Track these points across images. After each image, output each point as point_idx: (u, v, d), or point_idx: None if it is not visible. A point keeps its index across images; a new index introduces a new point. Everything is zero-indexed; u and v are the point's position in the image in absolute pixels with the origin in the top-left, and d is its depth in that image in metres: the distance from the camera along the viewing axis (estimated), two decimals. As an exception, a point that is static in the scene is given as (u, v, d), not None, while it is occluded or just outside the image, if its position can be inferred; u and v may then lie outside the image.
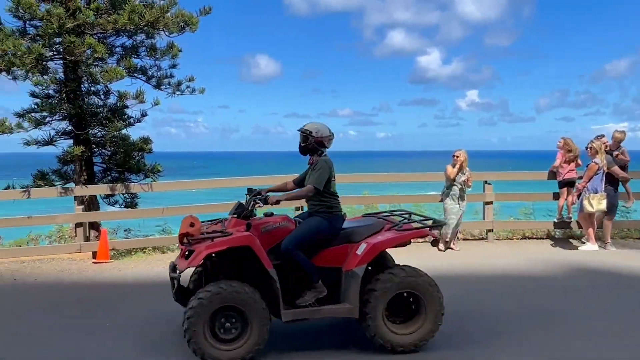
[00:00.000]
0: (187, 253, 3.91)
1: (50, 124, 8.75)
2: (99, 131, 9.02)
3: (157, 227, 9.59)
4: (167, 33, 8.74)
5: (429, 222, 4.45)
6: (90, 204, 8.81)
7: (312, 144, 4.25)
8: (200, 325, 3.74)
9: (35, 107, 8.80)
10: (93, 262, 7.84)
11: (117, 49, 9.08)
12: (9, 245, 10.01)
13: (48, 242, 10.33)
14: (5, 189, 8.92)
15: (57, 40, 8.29)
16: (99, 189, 8.80)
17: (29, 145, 8.59)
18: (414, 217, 4.55)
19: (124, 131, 9.00)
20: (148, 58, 9.09)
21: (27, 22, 8.42)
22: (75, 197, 8.27)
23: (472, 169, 8.12)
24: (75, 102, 8.57)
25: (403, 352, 4.00)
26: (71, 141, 8.96)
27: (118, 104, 8.98)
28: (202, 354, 3.77)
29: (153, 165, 9.22)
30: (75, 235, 8.39)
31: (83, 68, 8.53)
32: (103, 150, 9.22)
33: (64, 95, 8.74)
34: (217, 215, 5.18)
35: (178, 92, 9.30)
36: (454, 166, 7.80)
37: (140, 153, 9.11)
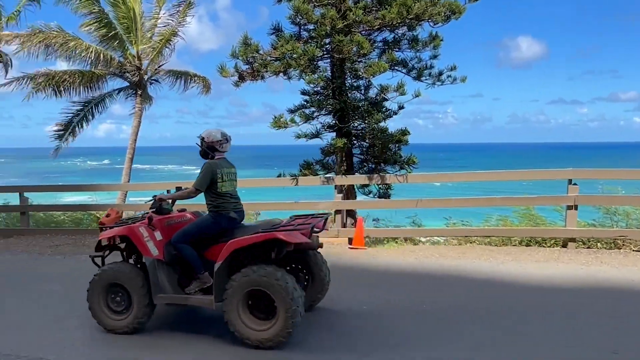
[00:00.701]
0: None
1: (318, 118, 9.72)
2: (359, 124, 9.67)
3: (407, 219, 9.79)
4: (431, 24, 8.84)
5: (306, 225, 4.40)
6: (349, 192, 9.50)
7: (204, 149, 4.68)
8: (96, 297, 4.69)
9: (305, 103, 9.89)
10: (349, 248, 8.40)
11: (378, 44, 9.57)
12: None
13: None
14: (277, 177, 10.26)
15: (327, 40, 9.14)
16: (357, 179, 9.43)
17: (299, 138, 9.62)
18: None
19: (382, 124, 9.43)
20: (409, 50, 9.35)
21: (302, 26, 9.49)
22: (335, 185, 9.00)
23: None
24: (340, 98, 9.35)
25: (260, 347, 4.13)
26: (334, 134, 9.81)
27: (377, 97, 9.47)
28: (98, 320, 4.74)
29: (408, 156, 9.43)
30: (334, 222, 9.13)
31: (348, 65, 9.25)
32: (362, 142, 9.85)
33: (330, 91, 9.61)
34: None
35: (438, 83, 9.31)
36: None
37: (397, 145, 9.42)
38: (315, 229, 4.51)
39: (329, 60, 9.55)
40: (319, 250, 4.96)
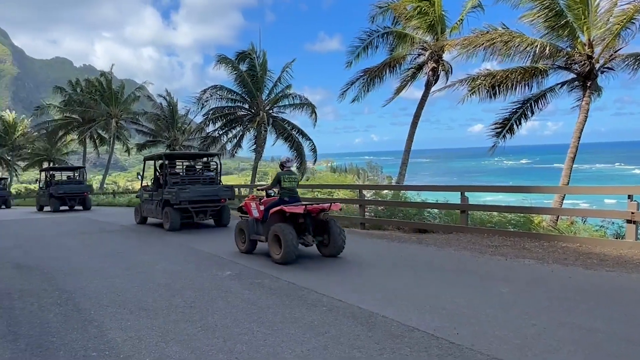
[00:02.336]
0: None
1: None
2: None
3: None
4: None
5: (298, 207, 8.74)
6: None
7: (279, 165, 9.51)
8: (236, 235, 9.87)
9: None
10: None
11: None
12: None
13: None
14: None
15: None
16: None
17: None
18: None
19: None
20: None
21: None
22: None
23: None
24: None
25: (276, 262, 8.46)
26: None
27: None
28: (237, 246, 9.85)
29: None
30: None
31: None
32: None
33: None
34: None
35: None
36: None
37: None
38: (324, 209, 8.73)
39: None
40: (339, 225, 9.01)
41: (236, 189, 20.60)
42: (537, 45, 13.34)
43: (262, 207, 9.28)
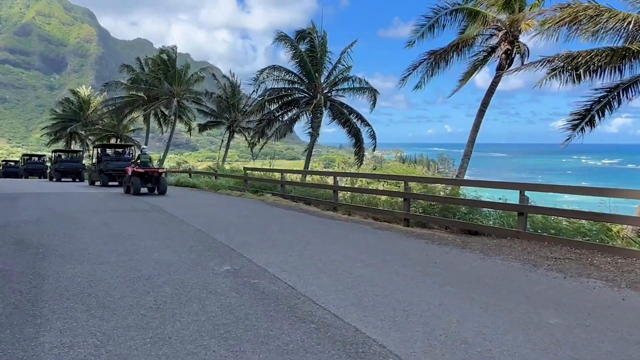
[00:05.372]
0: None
1: None
2: None
3: None
4: None
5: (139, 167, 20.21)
6: None
7: (140, 149, 22.01)
8: (124, 183, 21.73)
9: None
10: None
11: None
12: None
13: None
14: None
15: None
16: None
17: None
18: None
19: None
20: None
21: None
22: None
23: None
24: None
25: (131, 194, 19.92)
26: None
27: None
28: (123, 188, 22.12)
29: None
30: None
31: None
32: None
33: None
34: None
35: None
36: None
37: None
38: (156, 171, 20.19)
39: None
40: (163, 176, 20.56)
41: (289, 175, 23.39)
42: (630, 22, 11.28)
43: (132, 170, 19.38)
